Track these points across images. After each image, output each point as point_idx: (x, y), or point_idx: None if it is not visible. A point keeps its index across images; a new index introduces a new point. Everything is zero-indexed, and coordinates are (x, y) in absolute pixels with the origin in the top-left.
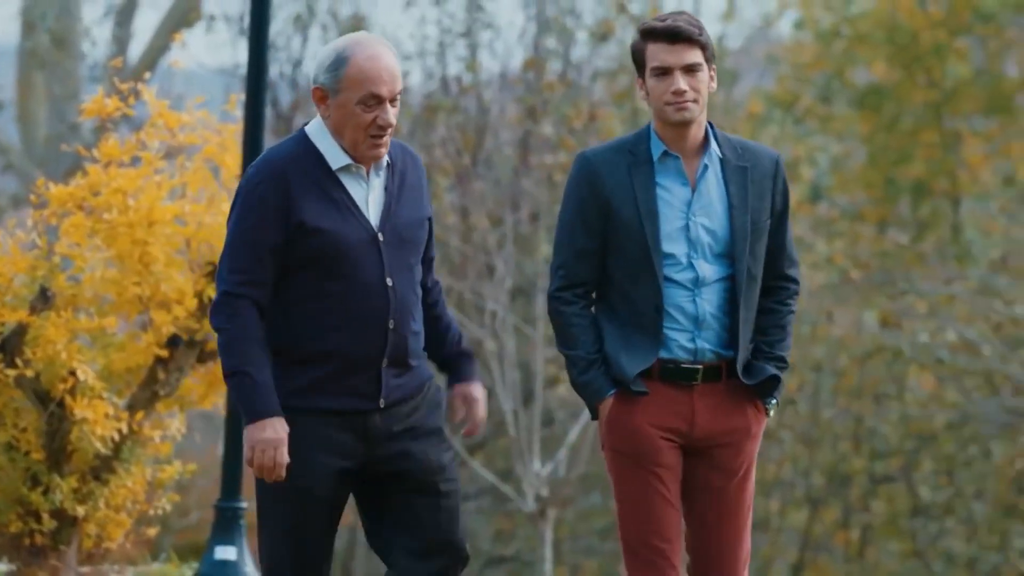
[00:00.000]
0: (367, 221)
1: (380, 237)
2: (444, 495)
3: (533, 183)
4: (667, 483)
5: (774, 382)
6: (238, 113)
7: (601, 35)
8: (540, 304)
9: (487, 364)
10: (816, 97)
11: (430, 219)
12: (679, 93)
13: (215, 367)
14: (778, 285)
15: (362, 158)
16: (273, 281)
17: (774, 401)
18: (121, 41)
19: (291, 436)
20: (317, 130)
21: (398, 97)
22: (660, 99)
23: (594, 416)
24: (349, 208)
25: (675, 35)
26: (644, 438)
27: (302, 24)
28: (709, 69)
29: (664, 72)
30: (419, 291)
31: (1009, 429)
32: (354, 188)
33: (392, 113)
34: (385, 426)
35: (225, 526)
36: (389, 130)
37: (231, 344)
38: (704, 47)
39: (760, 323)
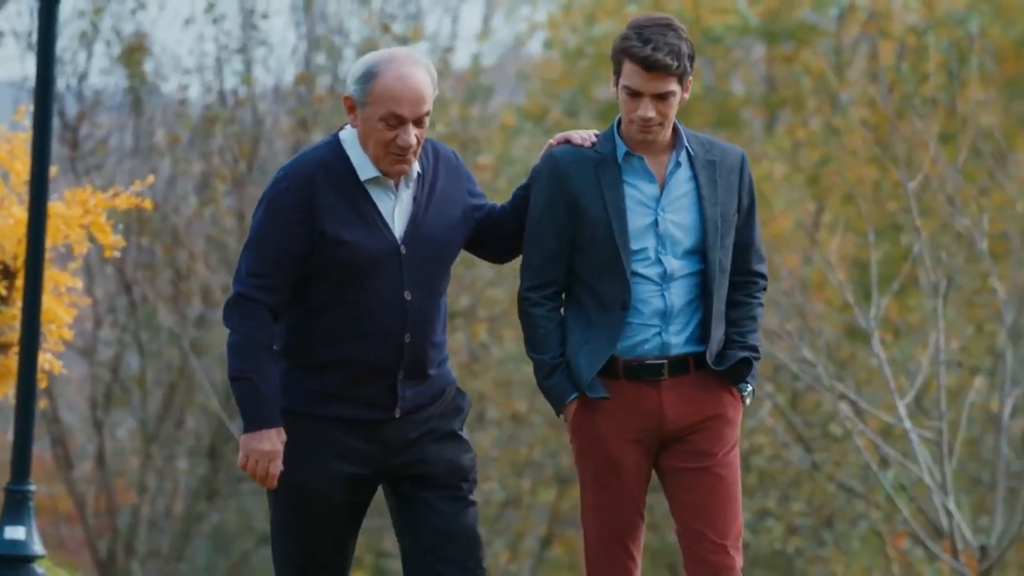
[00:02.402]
0: (391, 233)
1: (402, 250)
2: (463, 492)
3: None
4: (632, 488)
5: (745, 366)
6: (27, 123)
7: (367, 53)
8: None
9: None
10: (563, 111)
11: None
12: (646, 120)
13: (4, 359)
14: (748, 280)
15: (386, 172)
16: (291, 287)
17: (750, 387)
18: None
19: (304, 441)
20: (350, 139)
21: (424, 119)
22: (627, 115)
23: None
24: (374, 220)
25: (651, 67)
26: (607, 444)
27: (87, 40)
28: (683, 89)
29: (634, 94)
30: (442, 302)
31: None
32: (381, 200)
33: (414, 134)
34: (401, 434)
35: (14, 508)
36: (410, 150)
37: (239, 347)
38: (681, 76)
39: (731, 316)
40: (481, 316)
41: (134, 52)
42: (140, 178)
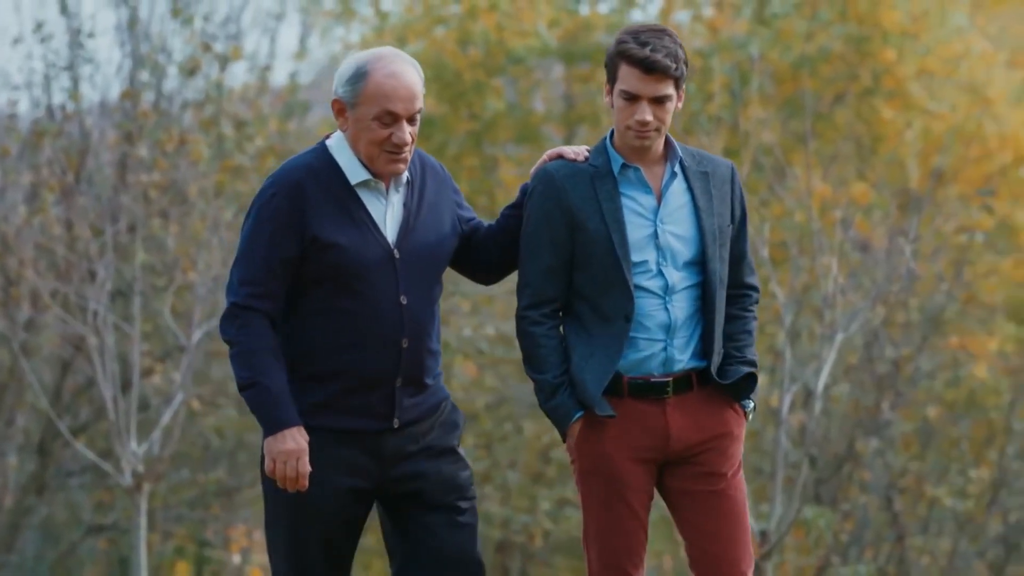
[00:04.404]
0: (383, 237)
1: (396, 254)
2: (461, 512)
3: (131, 199)
4: (637, 508)
5: (749, 382)
6: None
7: (189, 70)
8: (136, 304)
9: (90, 357)
10: None
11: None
12: (643, 124)
13: None
14: (741, 293)
15: (380, 173)
16: (285, 294)
17: (752, 404)
18: None
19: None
20: (337, 144)
21: (417, 116)
22: (623, 122)
23: (564, 439)
24: (366, 224)
25: (650, 68)
26: (613, 463)
27: None
28: (678, 95)
29: (632, 98)
30: (436, 309)
31: (538, 410)
32: (372, 204)
33: (408, 131)
34: (399, 446)
35: None
36: (406, 148)
37: (243, 356)
38: (677, 80)
39: (727, 330)
40: None
41: None
42: None
